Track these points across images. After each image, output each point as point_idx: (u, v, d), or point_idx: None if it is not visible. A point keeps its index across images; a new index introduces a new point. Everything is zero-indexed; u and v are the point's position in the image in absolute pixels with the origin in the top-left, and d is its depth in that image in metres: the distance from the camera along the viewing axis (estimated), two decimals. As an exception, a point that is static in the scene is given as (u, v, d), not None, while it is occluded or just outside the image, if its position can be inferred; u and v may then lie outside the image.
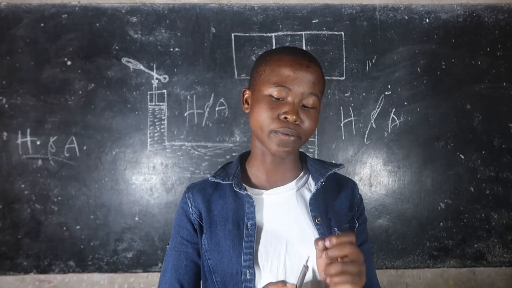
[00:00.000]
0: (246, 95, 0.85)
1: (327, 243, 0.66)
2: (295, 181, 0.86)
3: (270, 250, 0.79)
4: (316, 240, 0.71)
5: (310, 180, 0.88)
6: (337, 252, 0.66)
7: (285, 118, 0.75)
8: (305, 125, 0.77)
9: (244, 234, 0.79)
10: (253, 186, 0.86)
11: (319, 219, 0.80)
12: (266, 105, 0.77)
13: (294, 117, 0.74)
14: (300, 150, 0.89)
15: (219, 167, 0.91)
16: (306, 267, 0.65)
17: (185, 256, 0.86)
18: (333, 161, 0.97)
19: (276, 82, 0.76)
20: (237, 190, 0.83)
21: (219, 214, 0.84)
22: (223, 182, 0.85)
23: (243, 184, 0.84)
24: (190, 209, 0.86)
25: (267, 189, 0.85)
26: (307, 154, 0.94)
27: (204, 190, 0.88)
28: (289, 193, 0.84)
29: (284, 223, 0.81)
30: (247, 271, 0.77)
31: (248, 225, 0.80)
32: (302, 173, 0.89)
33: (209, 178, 0.87)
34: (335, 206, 0.86)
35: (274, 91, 0.76)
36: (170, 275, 0.86)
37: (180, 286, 0.85)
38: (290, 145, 0.77)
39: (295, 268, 0.77)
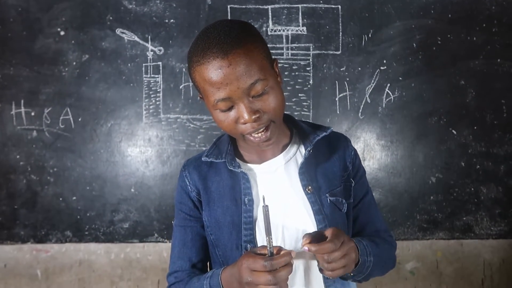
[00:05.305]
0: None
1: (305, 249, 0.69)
2: (284, 152, 0.86)
3: None
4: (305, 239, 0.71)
5: (301, 147, 0.88)
6: (335, 258, 0.69)
7: (245, 123, 0.73)
8: (269, 107, 0.73)
9: (243, 209, 0.82)
10: (245, 161, 0.87)
11: (309, 187, 0.82)
12: (221, 117, 0.74)
13: (251, 118, 0.71)
14: (286, 113, 0.87)
15: (212, 143, 0.91)
16: (266, 207, 0.68)
17: (190, 230, 0.89)
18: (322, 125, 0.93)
19: (215, 99, 0.71)
20: (231, 168, 0.84)
21: (216, 190, 0.86)
22: (216, 161, 0.86)
23: (236, 160, 0.85)
24: (189, 187, 0.88)
25: (259, 163, 0.86)
26: (295, 118, 0.93)
27: (200, 168, 0.89)
28: (280, 165, 0.85)
29: (279, 196, 0.82)
30: (248, 245, 0.80)
31: (246, 200, 0.82)
32: (292, 140, 0.88)
33: (203, 158, 0.87)
34: (327, 169, 0.87)
35: (219, 107, 0.72)
36: (178, 249, 0.89)
37: (189, 259, 0.88)
38: (268, 137, 0.75)
39: (293, 239, 0.81)
